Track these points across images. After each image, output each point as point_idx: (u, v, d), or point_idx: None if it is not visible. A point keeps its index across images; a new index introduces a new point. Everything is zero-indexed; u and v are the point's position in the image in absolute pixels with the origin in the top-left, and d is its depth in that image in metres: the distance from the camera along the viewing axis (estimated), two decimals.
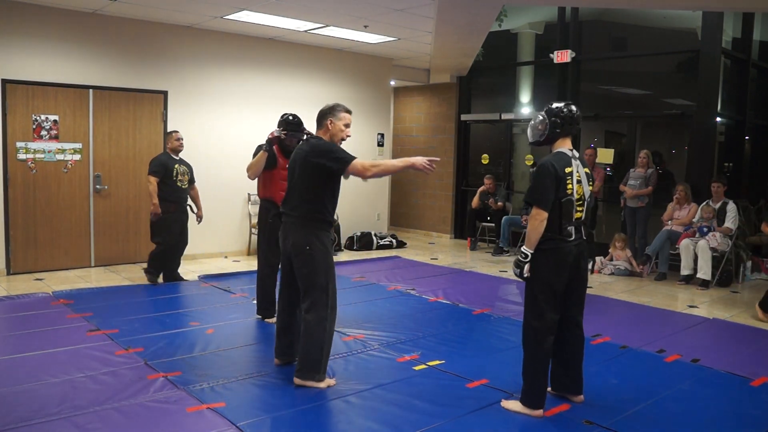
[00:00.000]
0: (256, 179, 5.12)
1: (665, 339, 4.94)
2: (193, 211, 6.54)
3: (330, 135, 3.79)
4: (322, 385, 3.73)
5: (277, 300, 4.56)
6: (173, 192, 6.22)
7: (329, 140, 3.78)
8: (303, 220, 3.73)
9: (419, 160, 3.59)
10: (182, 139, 6.39)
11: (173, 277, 6.57)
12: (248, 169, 5.01)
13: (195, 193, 6.59)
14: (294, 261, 3.74)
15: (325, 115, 3.80)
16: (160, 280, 6.50)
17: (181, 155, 6.41)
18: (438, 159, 3.73)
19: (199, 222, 6.64)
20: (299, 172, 3.76)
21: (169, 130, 6.60)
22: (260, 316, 5.24)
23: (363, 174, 3.64)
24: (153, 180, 6.12)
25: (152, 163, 6.24)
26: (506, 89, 10.74)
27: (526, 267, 3.35)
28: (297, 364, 3.78)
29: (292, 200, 3.79)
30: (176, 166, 6.26)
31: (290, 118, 5.05)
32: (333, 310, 3.77)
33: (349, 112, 3.85)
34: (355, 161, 3.64)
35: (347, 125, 3.82)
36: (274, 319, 4.89)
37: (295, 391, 3.69)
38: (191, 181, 6.48)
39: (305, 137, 4.11)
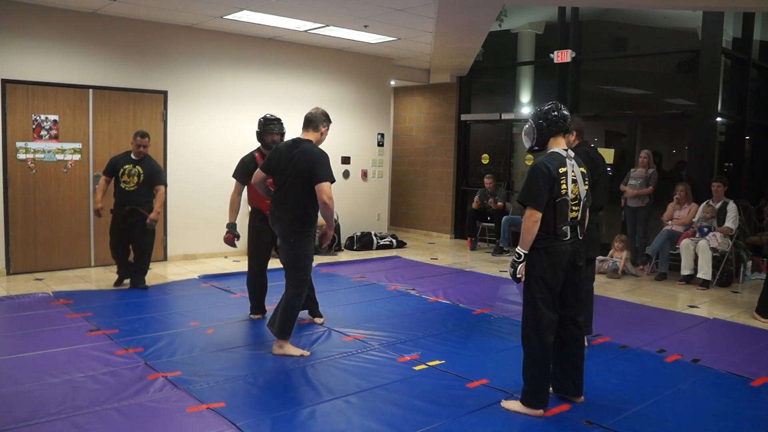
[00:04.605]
0: (246, 187, 5.19)
1: (665, 339, 4.94)
2: (137, 212, 6.07)
3: (318, 139, 4.23)
4: (296, 352, 4.26)
5: (265, 299, 5.30)
6: (116, 193, 6.11)
7: (316, 142, 4.21)
8: (292, 215, 4.16)
9: (331, 234, 4.33)
10: (143, 146, 6.05)
11: (133, 284, 6.21)
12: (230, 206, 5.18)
13: (158, 195, 6.17)
14: (282, 247, 4.26)
15: (322, 121, 4.22)
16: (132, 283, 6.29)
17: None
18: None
19: (149, 227, 6.10)
20: (293, 175, 4.09)
21: (136, 131, 6.21)
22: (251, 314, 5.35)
23: (324, 197, 4.03)
24: (101, 179, 6.15)
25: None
26: (506, 89, 10.75)
27: (520, 267, 3.35)
28: (275, 329, 4.28)
29: (283, 198, 4.16)
30: (126, 166, 6.04)
31: (268, 116, 5.16)
32: (307, 286, 4.38)
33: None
34: (329, 184, 4.05)
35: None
36: (259, 316, 5.33)
37: (295, 391, 3.70)
38: (145, 183, 6.07)
39: (295, 139, 4.29)
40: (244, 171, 5.09)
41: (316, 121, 4.20)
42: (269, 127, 5.05)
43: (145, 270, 6.29)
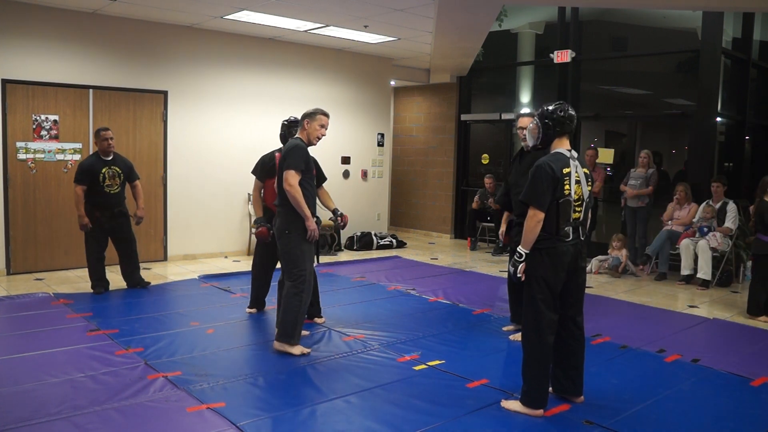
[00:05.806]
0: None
1: (665, 339, 4.94)
2: (124, 212, 5.99)
3: (306, 134, 4.34)
4: (296, 351, 4.27)
5: (266, 297, 5.48)
6: (99, 198, 5.78)
7: (306, 139, 4.33)
8: (286, 209, 4.27)
9: (311, 227, 4.23)
10: (111, 139, 5.81)
11: (134, 282, 6.18)
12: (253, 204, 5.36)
13: (137, 192, 6.06)
14: (278, 243, 4.36)
15: (303, 117, 4.36)
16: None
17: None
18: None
19: (138, 223, 6.10)
20: (278, 170, 4.32)
21: (97, 128, 5.95)
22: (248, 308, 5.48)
23: (285, 184, 4.16)
24: (78, 189, 5.69)
25: (77, 169, 5.81)
26: (506, 89, 10.75)
27: (521, 267, 3.35)
28: (276, 331, 4.38)
29: (278, 194, 4.35)
30: (104, 169, 5.76)
31: (292, 118, 5.19)
32: (309, 286, 4.32)
33: (326, 115, 4.37)
34: (292, 172, 4.15)
35: (323, 126, 4.35)
36: (254, 310, 5.47)
37: (295, 390, 3.70)
38: (126, 181, 5.97)
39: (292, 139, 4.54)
40: (262, 169, 5.17)
41: (301, 119, 4.41)
42: (294, 129, 5.07)
43: (139, 266, 6.29)
